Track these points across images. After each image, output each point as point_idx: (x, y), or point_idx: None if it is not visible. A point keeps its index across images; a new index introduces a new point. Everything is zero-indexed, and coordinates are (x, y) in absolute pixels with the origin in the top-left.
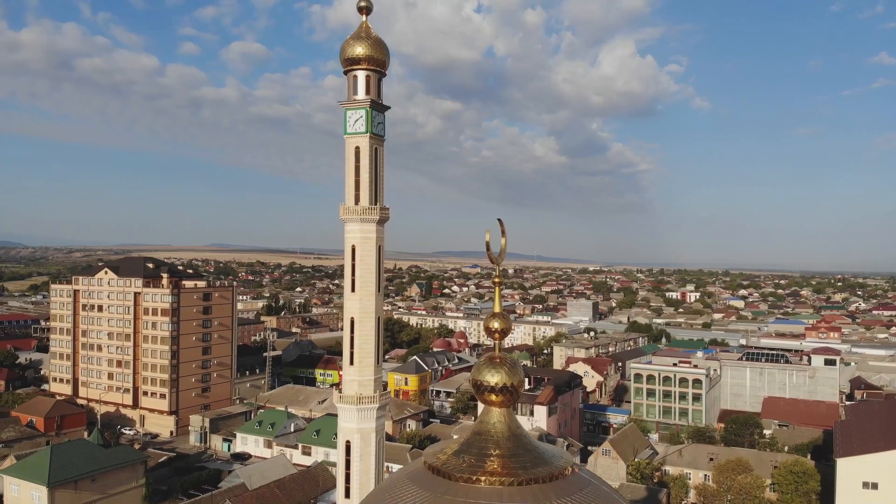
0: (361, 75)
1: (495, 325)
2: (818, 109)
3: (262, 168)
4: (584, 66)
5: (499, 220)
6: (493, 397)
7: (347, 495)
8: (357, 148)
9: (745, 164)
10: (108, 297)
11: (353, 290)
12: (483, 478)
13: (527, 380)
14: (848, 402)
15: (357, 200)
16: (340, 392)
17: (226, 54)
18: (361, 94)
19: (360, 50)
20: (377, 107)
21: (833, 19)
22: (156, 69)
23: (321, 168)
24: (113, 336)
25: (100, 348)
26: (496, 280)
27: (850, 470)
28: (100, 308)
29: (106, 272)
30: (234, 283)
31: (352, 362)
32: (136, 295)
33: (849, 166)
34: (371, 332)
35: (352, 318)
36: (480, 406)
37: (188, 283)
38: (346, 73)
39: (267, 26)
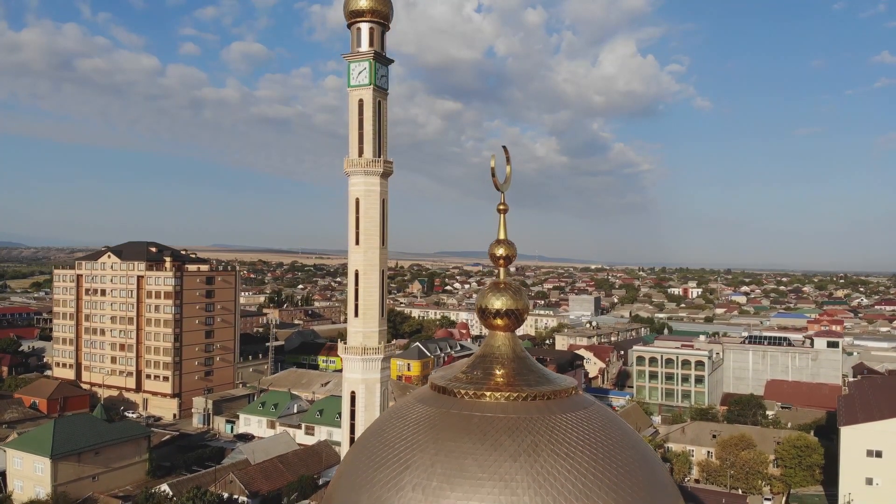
0: (365, 28)
1: (500, 251)
2: (820, 109)
3: (263, 169)
4: (584, 65)
5: (504, 147)
6: (498, 321)
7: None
8: (361, 100)
9: (746, 164)
10: (111, 280)
11: (357, 242)
12: (488, 393)
13: None
14: (852, 379)
15: (361, 153)
16: (345, 344)
17: (226, 54)
18: (365, 46)
19: (363, 2)
20: (381, 59)
21: (835, 18)
22: (156, 69)
23: (322, 169)
24: (116, 320)
25: (103, 332)
26: (501, 207)
27: (854, 438)
28: (103, 292)
29: (109, 256)
30: (237, 268)
31: (356, 314)
32: (140, 278)
33: (850, 166)
34: (375, 284)
35: (356, 270)
36: None
37: (191, 267)
38: (349, 26)
39: (267, 26)
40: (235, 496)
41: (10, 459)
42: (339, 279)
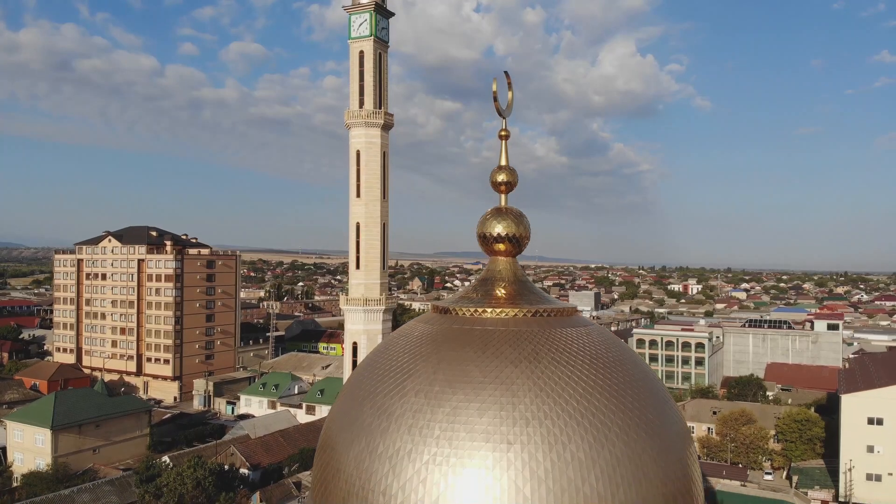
0: None
1: (501, 177)
2: (819, 109)
3: (262, 169)
4: (584, 65)
5: (505, 72)
6: (500, 246)
7: None
8: (361, 52)
9: (746, 163)
10: (112, 264)
11: (358, 195)
12: (489, 310)
13: None
14: (852, 356)
15: (361, 104)
16: (347, 296)
17: (225, 55)
18: None
19: None
20: (381, 11)
21: (835, 18)
22: (155, 70)
23: (322, 169)
24: (116, 304)
25: (103, 316)
26: (503, 133)
27: (855, 406)
28: (103, 276)
29: (109, 240)
30: (238, 254)
31: (357, 266)
32: (140, 262)
33: (850, 166)
34: (377, 236)
35: (357, 223)
36: None
37: (192, 251)
38: None
39: (265, 26)
40: (237, 467)
41: (10, 432)
42: (339, 277)
